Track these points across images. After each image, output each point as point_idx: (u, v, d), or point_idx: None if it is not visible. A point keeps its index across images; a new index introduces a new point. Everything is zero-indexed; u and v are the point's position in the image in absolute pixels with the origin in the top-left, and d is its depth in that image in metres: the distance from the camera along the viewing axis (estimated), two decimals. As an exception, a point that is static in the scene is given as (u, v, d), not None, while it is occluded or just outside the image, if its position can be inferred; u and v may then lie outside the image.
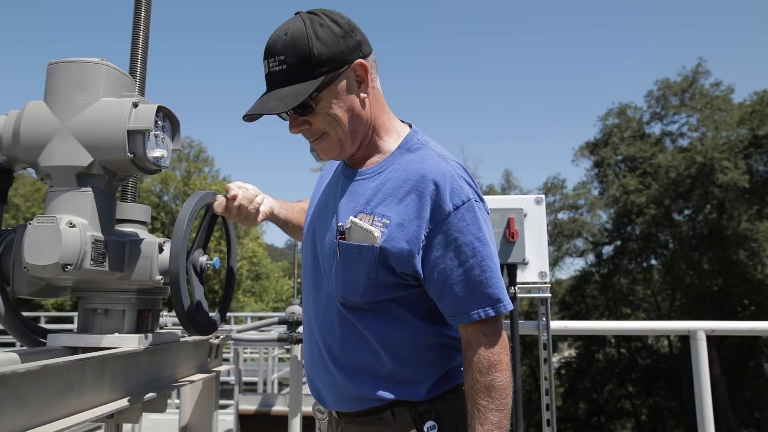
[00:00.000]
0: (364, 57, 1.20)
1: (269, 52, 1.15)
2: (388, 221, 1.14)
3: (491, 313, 1.12)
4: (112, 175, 1.27)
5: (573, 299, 24.24)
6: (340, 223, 1.18)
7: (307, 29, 1.13)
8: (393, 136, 1.28)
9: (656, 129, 23.34)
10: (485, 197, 2.23)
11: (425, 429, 1.17)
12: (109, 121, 1.21)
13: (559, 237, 23.31)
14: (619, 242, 23.10)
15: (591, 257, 24.26)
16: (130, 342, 1.30)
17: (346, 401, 1.22)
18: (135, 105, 1.23)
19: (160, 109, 1.27)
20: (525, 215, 2.19)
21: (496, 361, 1.12)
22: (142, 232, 1.43)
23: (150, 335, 1.36)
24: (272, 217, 1.42)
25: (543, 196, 2.22)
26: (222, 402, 7.90)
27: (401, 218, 1.13)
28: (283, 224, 1.47)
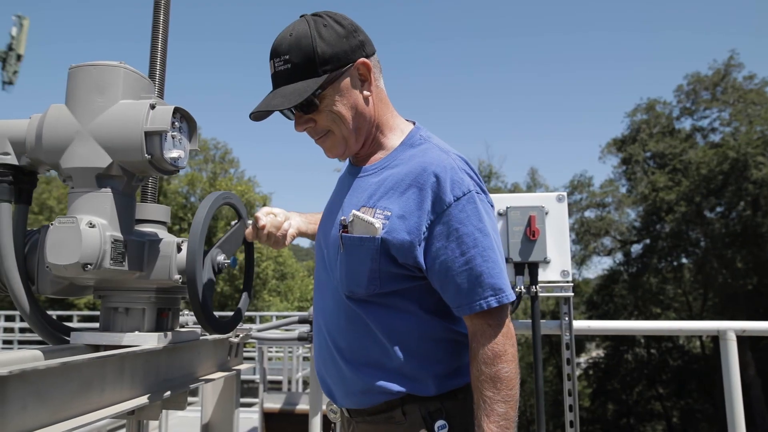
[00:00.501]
0: (368, 57, 1.24)
1: (274, 53, 1.20)
2: (389, 213, 1.16)
3: (493, 303, 1.12)
4: (130, 176, 1.29)
5: (601, 299, 23.84)
6: (342, 217, 1.21)
7: (311, 29, 1.17)
8: (396, 133, 1.30)
9: (686, 124, 22.80)
10: (509, 195, 2.21)
11: (436, 428, 1.17)
12: (127, 122, 1.23)
13: (585, 235, 22.96)
14: (648, 240, 22.62)
15: (619, 256, 23.83)
16: (149, 340, 1.32)
17: (355, 396, 1.23)
18: (152, 107, 1.24)
19: (176, 110, 1.29)
20: (546, 213, 2.15)
21: (501, 352, 1.12)
22: (162, 232, 1.45)
23: (169, 334, 1.38)
24: (300, 235, 1.50)
25: (565, 193, 2.18)
26: (247, 400, 8.03)
27: (402, 210, 1.15)
28: (313, 237, 1.53)
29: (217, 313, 1.46)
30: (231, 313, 1.52)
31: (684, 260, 22.35)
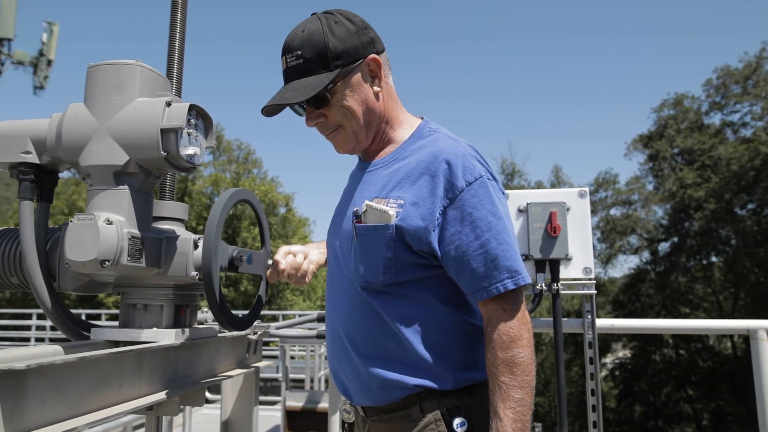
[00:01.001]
0: (378, 53, 1.26)
1: (287, 49, 1.22)
2: (403, 201, 1.16)
3: (510, 285, 1.12)
4: (147, 173, 1.30)
5: (627, 298, 23.41)
6: (355, 208, 1.21)
7: (323, 26, 1.20)
8: (406, 127, 1.32)
9: (716, 119, 22.22)
10: (529, 191, 2.18)
11: (455, 425, 1.15)
12: (144, 120, 1.24)
13: (611, 234, 22.58)
14: (676, 239, 22.14)
15: (646, 254, 23.38)
16: (167, 336, 1.33)
17: (372, 392, 1.21)
18: (168, 104, 1.25)
19: (192, 107, 1.29)
20: (568, 209, 2.11)
21: (517, 336, 1.11)
22: (179, 229, 1.45)
23: (187, 330, 1.39)
24: (320, 268, 1.51)
25: (587, 188, 2.14)
26: (270, 398, 8.09)
27: (415, 197, 1.16)
28: None
29: (239, 312, 1.47)
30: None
31: (714, 259, 21.82)
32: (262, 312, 1.56)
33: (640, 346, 22.27)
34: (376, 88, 1.25)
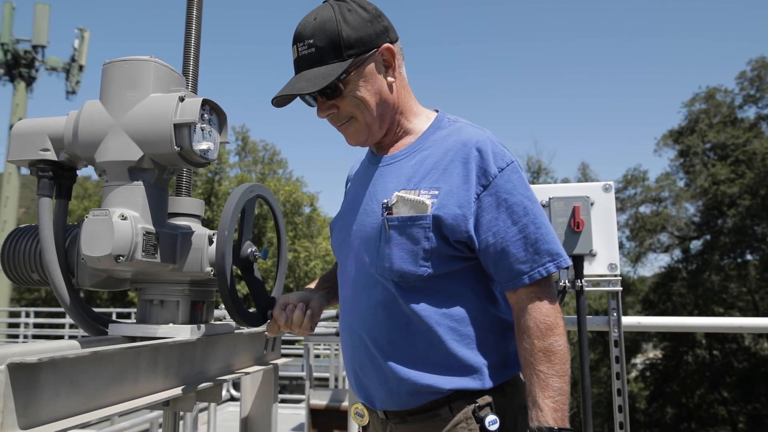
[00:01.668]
0: (392, 43, 1.22)
1: (298, 37, 1.19)
2: (436, 192, 1.14)
3: (552, 268, 1.11)
4: (162, 169, 1.30)
5: (657, 297, 22.87)
6: (385, 200, 1.17)
7: (335, 14, 1.16)
8: (422, 118, 1.29)
9: (750, 113, 21.53)
10: (552, 186, 2.13)
11: (488, 423, 1.10)
12: (157, 115, 1.24)
13: (641, 231, 22.10)
14: (708, 236, 21.54)
15: (677, 253, 22.81)
16: (183, 332, 1.33)
17: (400, 397, 1.16)
18: (181, 99, 1.25)
19: (206, 102, 1.29)
20: (592, 204, 2.05)
21: (554, 324, 1.10)
22: (195, 225, 1.46)
23: (203, 326, 1.39)
24: (324, 310, 1.43)
25: (612, 182, 2.07)
26: (294, 397, 8.14)
27: (449, 186, 1.14)
28: (335, 305, 1.47)
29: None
30: None
31: (749, 257, 21.15)
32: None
33: (672, 347, 21.72)
34: (389, 79, 1.22)
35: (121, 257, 1.17)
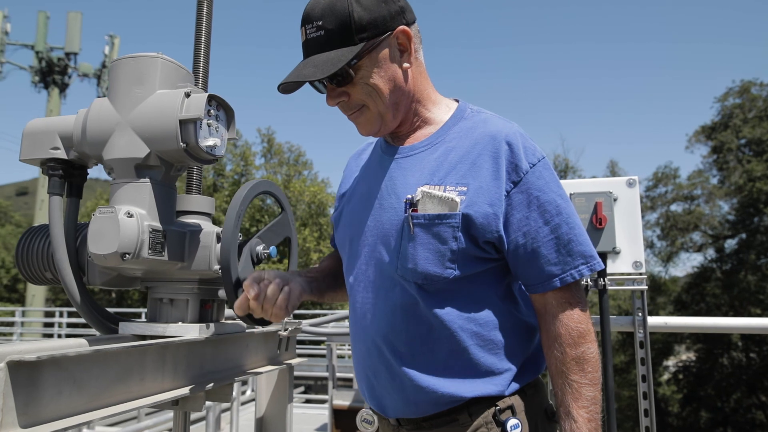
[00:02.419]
0: (408, 25, 1.12)
1: (307, 18, 1.10)
2: (465, 188, 1.06)
3: (585, 271, 1.05)
4: (169, 166, 1.29)
5: (690, 298, 22.26)
6: (409, 195, 1.09)
7: None
8: (442, 108, 1.20)
9: (787, 107, 20.76)
10: (573, 181, 2.06)
11: (509, 428, 1.05)
12: (163, 112, 1.22)
13: (672, 230, 21.54)
14: (744, 235, 20.85)
15: (711, 252, 22.16)
16: (191, 331, 1.31)
17: (417, 406, 1.10)
18: (187, 95, 1.23)
19: (212, 97, 1.27)
20: (615, 199, 1.98)
21: (586, 331, 1.04)
22: (205, 223, 1.44)
23: (212, 325, 1.37)
24: (304, 299, 1.27)
25: (636, 177, 1.99)
26: (318, 397, 8.16)
27: (479, 182, 1.06)
28: (320, 296, 1.35)
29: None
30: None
31: (788, 256, 20.40)
32: (312, 311, 1.51)
33: (706, 349, 21.11)
34: (405, 64, 1.13)
35: (127, 255, 1.16)
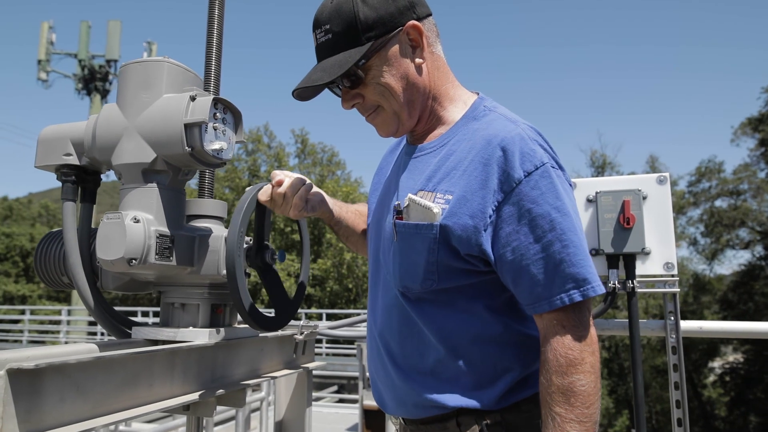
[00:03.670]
0: (419, 19, 1.08)
1: (316, 24, 1.09)
2: (450, 197, 1.00)
3: (577, 297, 0.94)
4: (176, 171, 1.28)
5: (737, 297, 21.39)
6: (397, 202, 1.07)
7: None
8: (458, 105, 1.14)
9: (841, 95, 19.69)
10: (599, 179, 1.97)
11: None
12: (168, 116, 1.22)
13: (717, 227, 20.75)
14: (795, 231, 19.89)
15: (759, 249, 21.21)
16: (201, 336, 1.30)
17: (407, 407, 1.11)
18: (192, 98, 1.23)
19: (218, 100, 1.26)
20: (645, 197, 1.88)
21: (577, 360, 0.92)
22: (216, 227, 1.43)
23: (223, 330, 1.36)
24: (324, 213, 1.31)
25: (667, 174, 1.89)
26: (350, 397, 8.17)
27: (464, 191, 0.99)
28: (336, 223, 1.36)
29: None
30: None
31: (843, 253, 19.38)
32: (348, 311, 1.50)
33: (755, 350, 20.23)
34: (418, 60, 1.09)
35: (133, 260, 1.16)
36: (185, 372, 1.26)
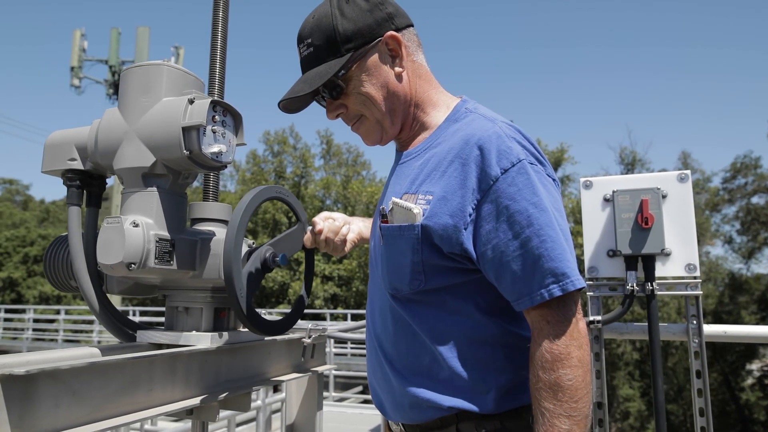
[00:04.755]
0: (398, 30, 1.12)
1: (299, 38, 1.14)
2: (431, 197, 1.02)
3: (556, 291, 0.93)
4: (176, 174, 1.28)
5: (776, 297, 20.63)
6: (382, 206, 1.10)
7: (332, 8, 1.10)
8: (441, 109, 1.17)
9: None
10: (616, 177, 1.90)
11: None
12: (167, 119, 1.21)
13: (754, 224, 20.08)
14: (837, 228, 19.11)
15: (799, 247, 20.44)
16: (203, 340, 1.30)
17: (404, 409, 1.10)
18: (191, 102, 1.22)
19: (216, 103, 1.25)
20: (664, 196, 1.80)
21: (563, 355, 0.92)
22: (219, 231, 1.43)
23: (225, 334, 1.35)
24: (361, 242, 1.43)
25: (688, 171, 1.81)
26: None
27: (444, 191, 1.01)
28: (367, 242, 1.43)
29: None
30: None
31: None
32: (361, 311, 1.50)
33: (795, 352, 19.51)
34: (398, 69, 1.12)
35: (132, 265, 1.16)
36: (187, 376, 1.26)
